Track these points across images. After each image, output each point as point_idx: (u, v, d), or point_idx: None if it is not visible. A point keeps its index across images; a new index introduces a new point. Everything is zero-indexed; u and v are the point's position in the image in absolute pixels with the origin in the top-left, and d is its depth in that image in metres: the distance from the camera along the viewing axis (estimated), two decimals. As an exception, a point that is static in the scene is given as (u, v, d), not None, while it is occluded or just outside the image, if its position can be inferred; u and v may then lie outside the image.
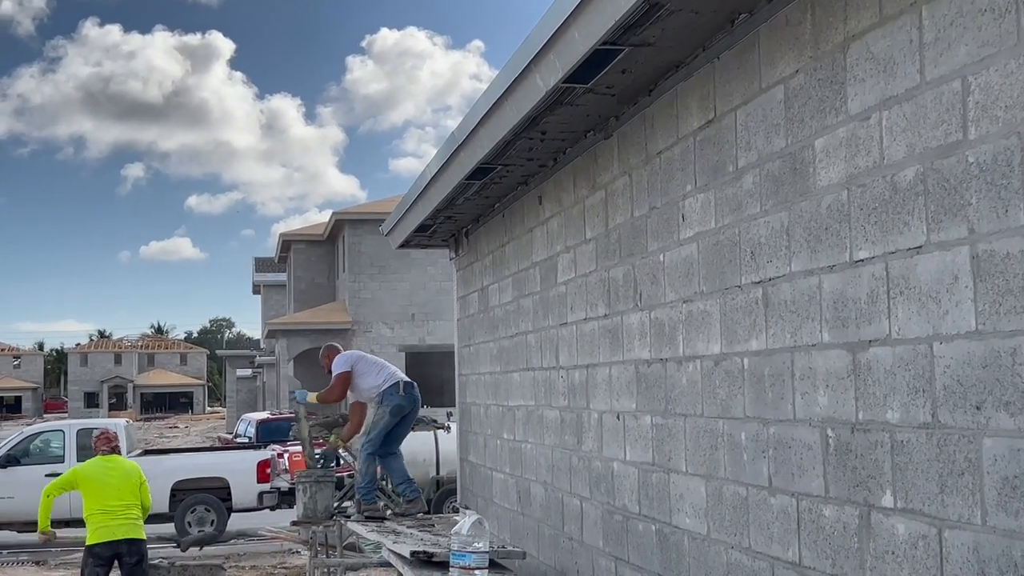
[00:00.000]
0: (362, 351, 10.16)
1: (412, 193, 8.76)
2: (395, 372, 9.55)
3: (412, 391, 9.47)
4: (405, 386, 9.37)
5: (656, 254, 5.05)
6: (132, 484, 9.71)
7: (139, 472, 9.90)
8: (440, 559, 5.86)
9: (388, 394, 9.29)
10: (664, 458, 4.96)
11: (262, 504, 19.64)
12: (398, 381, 9.35)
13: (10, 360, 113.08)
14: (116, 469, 9.77)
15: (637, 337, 5.30)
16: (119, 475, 9.73)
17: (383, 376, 9.40)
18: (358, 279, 36.00)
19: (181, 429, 67.61)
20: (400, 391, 9.32)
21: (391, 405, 9.25)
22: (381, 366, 9.59)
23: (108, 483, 9.67)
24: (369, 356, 9.92)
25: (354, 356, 9.79)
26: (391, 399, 9.27)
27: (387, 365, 9.67)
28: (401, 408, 9.35)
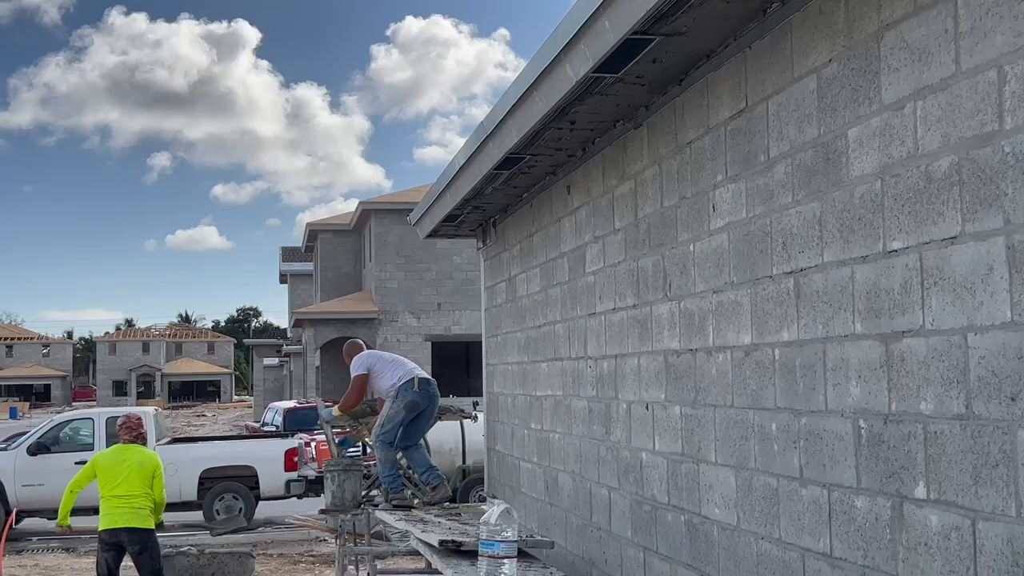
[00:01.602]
0: (381, 351, 10.11)
1: (440, 183, 8.78)
2: (412, 369, 9.50)
3: (428, 387, 9.38)
4: (420, 382, 9.31)
5: (686, 244, 5.04)
6: (144, 475, 9.79)
7: (154, 464, 9.93)
8: (469, 548, 5.88)
9: (403, 389, 9.26)
10: (694, 448, 4.95)
11: (289, 492, 19.75)
12: (413, 377, 9.30)
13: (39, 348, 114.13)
14: (130, 459, 9.87)
15: (666, 327, 5.29)
16: (131, 465, 9.83)
17: (399, 374, 9.37)
18: (384, 268, 36.11)
19: (208, 417, 68.04)
20: (415, 387, 9.26)
21: (405, 400, 9.22)
22: (398, 364, 9.54)
23: (119, 472, 9.80)
24: (387, 355, 9.85)
25: (371, 358, 9.72)
26: (405, 395, 9.24)
27: (404, 363, 9.61)
28: (415, 404, 9.28)
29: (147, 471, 9.81)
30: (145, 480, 9.78)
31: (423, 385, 9.33)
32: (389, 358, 9.73)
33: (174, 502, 19.24)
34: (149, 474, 9.80)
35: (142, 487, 9.73)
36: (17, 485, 18.47)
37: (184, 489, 19.24)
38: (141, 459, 9.90)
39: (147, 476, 9.78)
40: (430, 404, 9.45)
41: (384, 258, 36.08)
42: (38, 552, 17.26)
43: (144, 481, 9.78)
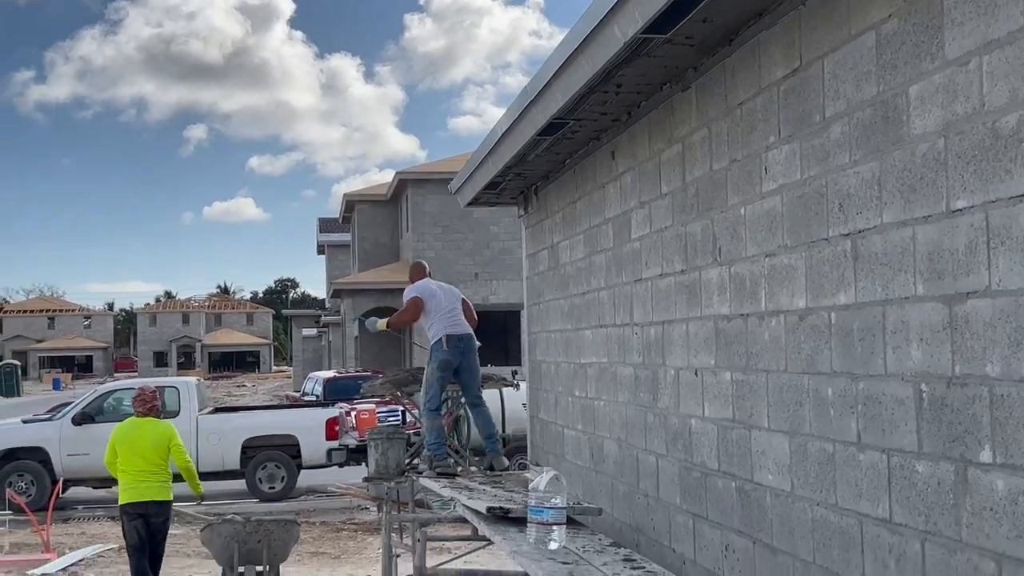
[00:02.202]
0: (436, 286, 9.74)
1: (481, 150, 8.72)
2: (445, 325, 9.32)
3: (458, 344, 9.25)
4: (449, 340, 9.21)
5: (736, 208, 4.97)
6: (159, 449, 10.04)
7: (167, 436, 10.15)
8: (516, 514, 5.86)
9: (434, 350, 9.24)
10: (745, 414, 4.89)
11: (330, 461, 19.89)
12: (442, 337, 9.23)
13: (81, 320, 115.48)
14: (146, 434, 10.13)
15: (716, 292, 5.23)
16: (148, 440, 10.09)
17: (435, 328, 9.29)
18: (422, 239, 36.12)
19: (248, 388, 68.62)
20: (444, 345, 9.19)
21: (437, 361, 9.19)
22: (439, 314, 9.38)
23: (136, 446, 10.10)
24: (437, 298, 9.51)
25: (425, 292, 9.53)
26: (436, 355, 9.21)
27: (442, 313, 9.37)
28: (447, 363, 9.21)
29: (162, 445, 10.07)
30: (162, 454, 10.08)
31: (452, 343, 9.22)
32: (436, 304, 9.42)
33: (217, 471, 19.50)
34: (164, 447, 10.06)
35: (160, 461, 10.05)
36: (63, 455, 18.71)
37: (227, 458, 19.43)
38: (155, 435, 10.15)
39: (163, 450, 10.05)
40: (463, 358, 9.31)
41: (421, 228, 36.09)
42: (84, 520, 17.48)
43: (161, 455, 10.08)
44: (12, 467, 18.67)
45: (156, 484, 10.05)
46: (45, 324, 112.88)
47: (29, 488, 18.48)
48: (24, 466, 18.78)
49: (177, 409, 19.55)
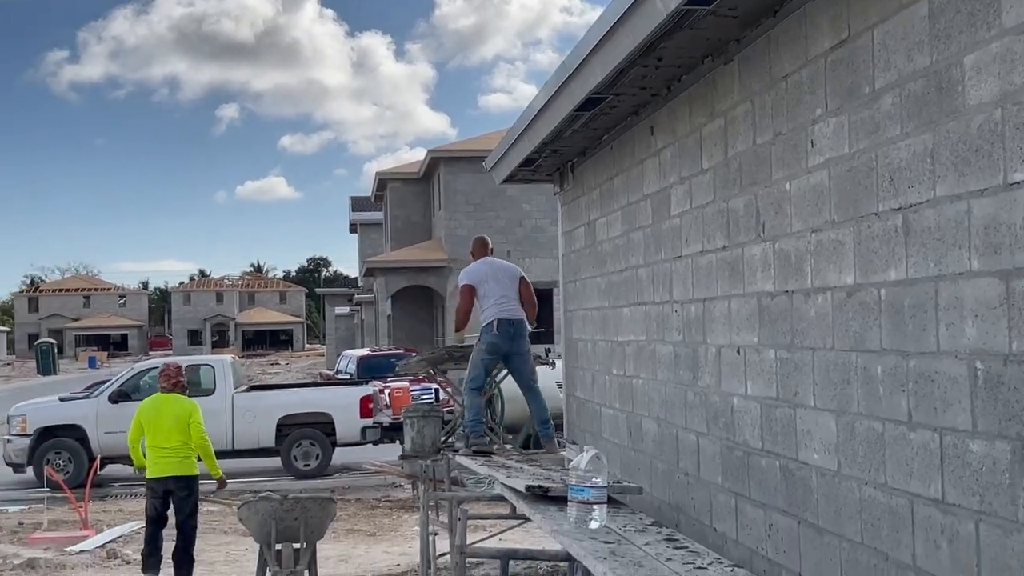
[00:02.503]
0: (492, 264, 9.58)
1: (517, 127, 8.64)
2: (497, 309, 9.26)
3: (509, 328, 9.15)
4: (500, 324, 9.12)
5: (781, 182, 4.88)
6: (180, 425, 10.22)
7: (188, 412, 10.29)
8: (556, 494, 5.82)
9: (484, 331, 9.16)
10: (790, 393, 4.82)
11: (365, 439, 19.95)
12: (492, 320, 9.15)
13: (116, 299, 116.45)
14: (167, 411, 10.31)
15: (759, 269, 5.14)
16: (169, 417, 10.28)
17: (487, 312, 9.21)
18: (454, 217, 36.08)
19: (282, 366, 69.00)
20: (494, 329, 9.09)
21: (485, 343, 9.11)
22: (492, 298, 9.30)
23: (159, 423, 10.31)
24: (489, 282, 9.37)
25: (476, 276, 9.39)
26: (485, 337, 9.13)
27: (494, 297, 9.30)
28: (496, 347, 9.11)
29: (183, 421, 10.27)
30: (183, 430, 10.26)
31: (503, 327, 9.12)
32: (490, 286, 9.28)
33: (252, 448, 19.61)
34: (185, 423, 10.23)
35: (181, 437, 10.22)
36: (100, 432, 18.85)
37: (262, 436, 19.53)
38: (177, 411, 10.31)
39: (184, 426, 10.24)
40: (513, 344, 9.21)
41: (453, 206, 36.05)
42: (121, 498, 17.63)
43: (182, 431, 10.25)
44: (50, 445, 18.85)
45: (176, 460, 10.23)
46: (81, 303, 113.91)
47: (67, 465, 18.66)
48: (62, 444, 18.96)
49: (212, 387, 19.67)
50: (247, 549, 12.27)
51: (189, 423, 10.23)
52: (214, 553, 12.67)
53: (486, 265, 9.49)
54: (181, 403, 10.37)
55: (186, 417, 10.26)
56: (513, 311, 9.22)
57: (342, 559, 11.94)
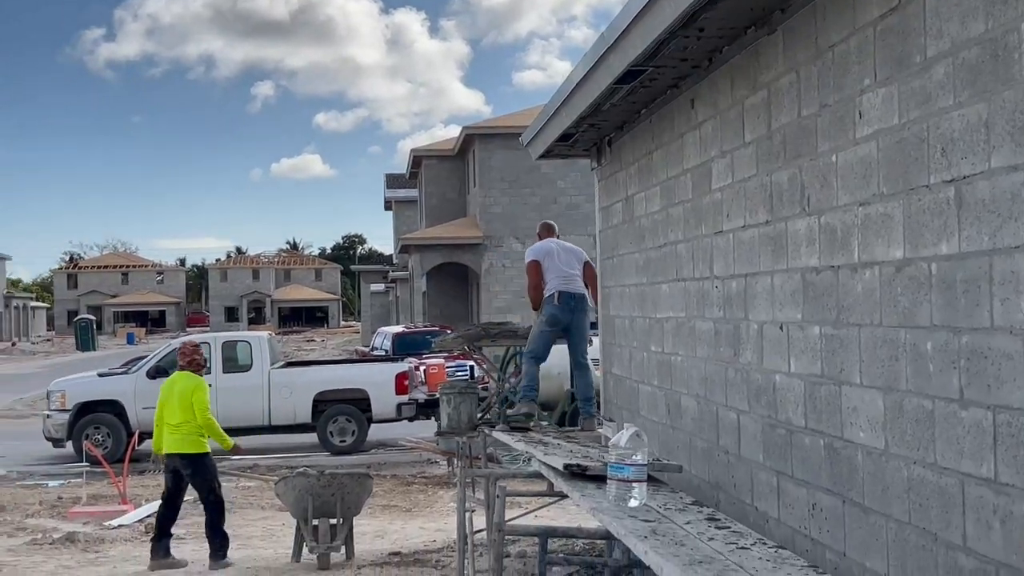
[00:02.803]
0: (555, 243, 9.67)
1: (555, 100, 8.54)
2: (559, 282, 9.28)
3: (570, 302, 9.23)
4: (561, 296, 9.19)
5: (827, 155, 4.76)
6: (184, 402, 10.36)
7: (191, 388, 10.40)
8: (594, 472, 5.76)
9: (546, 303, 9.23)
10: (835, 370, 4.72)
11: (400, 415, 20.00)
12: (554, 292, 9.20)
13: (153, 276, 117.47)
14: (177, 388, 10.50)
15: (804, 244, 5.04)
16: (176, 394, 10.46)
17: (550, 284, 9.28)
18: (488, 194, 36.01)
19: (318, 342, 69.35)
20: (556, 301, 9.18)
21: (547, 315, 9.19)
22: (554, 269, 9.35)
23: (169, 401, 10.52)
24: (555, 256, 9.39)
25: (541, 252, 9.50)
26: (547, 308, 9.21)
27: (558, 270, 9.34)
28: (556, 319, 9.19)
29: (186, 397, 10.40)
30: (186, 407, 10.38)
31: (564, 300, 9.19)
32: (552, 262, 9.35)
33: (289, 424, 19.70)
34: (188, 401, 10.29)
35: (184, 414, 10.34)
36: (138, 408, 18.98)
37: (299, 412, 19.62)
38: (182, 387, 10.46)
39: (187, 403, 10.36)
40: (573, 318, 9.27)
41: (488, 183, 35.97)
42: (159, 472, 17.73)
43: (185, 407, 10.37)
44: (89, 420, 19.02)
45: (179, 437, 10.37)
46: (119, 280, 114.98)
47: (105, 440, 18.82)
48: (100, 419, 19.12)
49: (249, 363, 19.76)
50: (284, 524, 12.32)
51: (192, 400, 10.32)
52: (251, 528, 12.74)
53: (551, 243, 9.63)
54: (188, 380, 10.51)
55: (189, 394, 10.37)
56: (575, 286, 9.31)
57: (378, 535, 11.96)
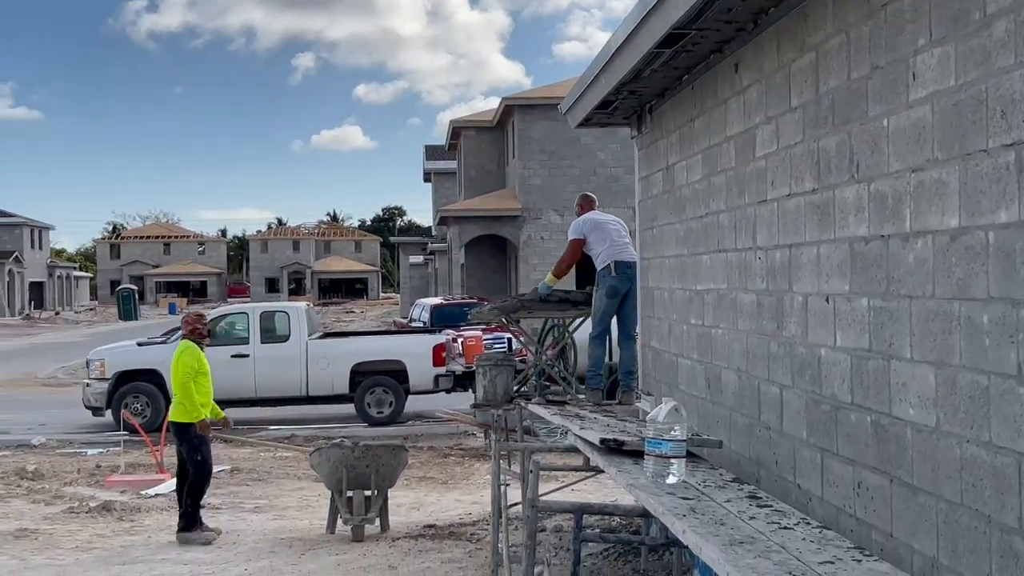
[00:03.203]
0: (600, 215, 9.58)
1: (595, 66, 8.34)
2: (613, 251, 9.15)
3: (626, 270, 9.12)
4: (617, 266, 9.07)
5: (878, 119, 4.56)
6: (174, 372, 10.55)
7: (175, 357, 10.61)
8: (631, 447, 5.60)
9: (601, 276, 9.13)
10: (883, 344, 4.53)
11: (437, 387, 19.94)
12: (609, 263, 9.07)
13: (195, 246, 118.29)
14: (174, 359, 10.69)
15: (852, 212, 4.84)
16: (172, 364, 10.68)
17: (603, 255, 9.14)
18: (528, 165, 35.78)
19: (357, 314, 69.58)
20: (611, 272, 9.06)
21: (605, 287, 9.08)
22: (606, 242, 9.21)
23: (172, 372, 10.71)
24: (602, 226, 9.29)
25: (587, 225, 9.36)
26: (604, 281, 9.10)
27: (610, 239, 9.19)
28: (615, 289, 9.08)
29: (174, 368, 10.49)
30: (173, 376, 10.54)
31: (620, 268, 9.08)
32: (602, 232, 9.24)
33: (326, 395, 19.69)
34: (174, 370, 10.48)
35: (174, 384, 10.56)
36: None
37: (336, 383, 19.60)
38: (175, 356, 10.62)
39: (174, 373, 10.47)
40: (631, 285, 9.17)
41: (527, 155, 35.74)
42: (198, 441, 17.80)
43: (173, 377, 10.55)
44: (128, 389, 19.10)
45: (173, 406, 10.59)
46: (161, 250, 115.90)
47: (144, 409, 18.89)
48: (139, 388, 19.19)
49: (287, 334, 19.76)
50: (320, 495, 12.29)
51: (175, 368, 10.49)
52: (287, 499, 12.72)
53: (595, 215, 9.50)
54: (180, 349, 10.62)
55: (174, 363, 10.52)
56: (628, 254, 9.20)
57: (413, 507, 11.90)
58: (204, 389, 10.49)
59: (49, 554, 9.54)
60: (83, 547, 9.87)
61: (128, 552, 9.61)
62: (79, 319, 74.80)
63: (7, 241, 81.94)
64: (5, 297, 78.22)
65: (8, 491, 13.07)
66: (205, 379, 10.53)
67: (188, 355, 10.48)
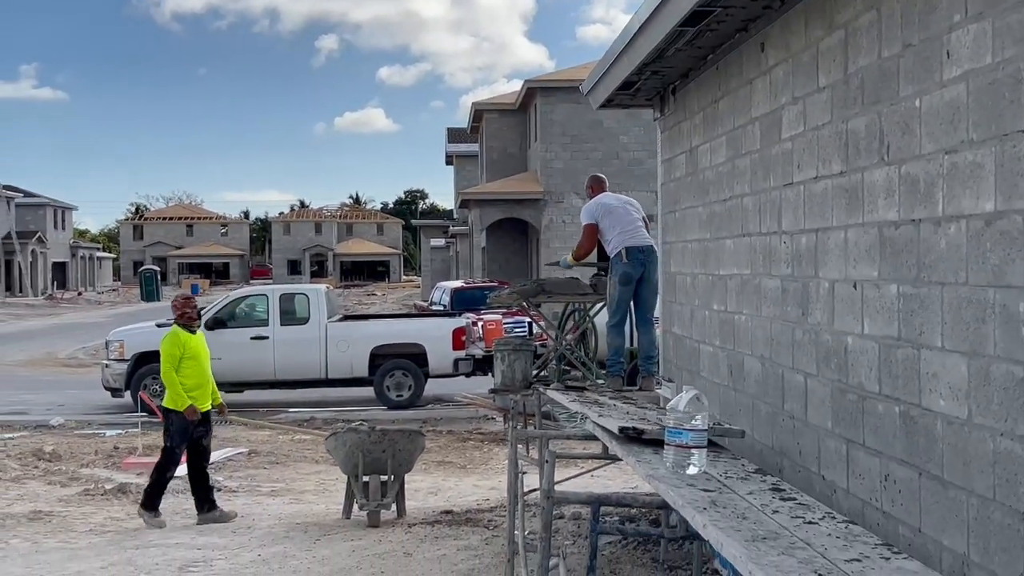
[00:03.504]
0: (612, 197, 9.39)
1: (617, 45, 8.16)
2: (624, 237, 8.96)
3: (638, 255, 8.93)
4: (628, 252, 8.88)
5: (910, 99, 4.38)
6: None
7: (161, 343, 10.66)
8: (651, 436, 5.45)
9: (614, 264, 8.96)
10: (913, 332, 4.37)
11: (457, 371, 19.82)
12: (620, 249, 8.90)
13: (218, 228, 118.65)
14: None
15: (882, 196, 4.67)
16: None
17: (614, 241, 8.95)
18: (550, 148, 35.59)
19: (378, 296, 69.60)
20: (624, 258, 8.87)
21: (618, 274, 8.91)
22: (617, 225, 9.02)
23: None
24: (614, 211, 9.09)
25: (599, 210, 9.14)
26: (616, 269, 8.92)
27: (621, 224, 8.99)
28: (628, 276, 8.90)
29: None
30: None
31: (632, 254, 8.90)
32: (614, 218, 9.04)
33: (345, 378, 19.60)
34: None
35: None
36: (195, 358, 18.96)
37: (356, 365, 19.51)
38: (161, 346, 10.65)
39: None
40: (644, 270, 8.98)
41: (549, 138, 35.55)
42: (216, 424, 17.74)
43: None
44: (146, 370, 19.04)
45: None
46: (183, 231, 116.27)
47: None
48: (157, 369, 19.06)
49: (307, 316, 19.68)
50: (337, 479, 12.20)
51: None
52: (304, 482, 12.65)
53: (606, 198, 9.29)
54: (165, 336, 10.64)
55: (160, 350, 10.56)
56: (641, 237, 9.00)
57: (431, 492, 11.80)
58: (192, 373, 10.37)
59: (62, 537, 9.48)
60: (97, 530, 9.81)
61: (141, 535, 9.55)
62: (101, 300, 75.12)
63: (30, 221, 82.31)
64: (28, 277, 78.62)
65: (25, 472, 13.05)
66: (193, 363, 10.38)
67: (170, 343, 10.41)
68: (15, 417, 18.63)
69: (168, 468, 10.18)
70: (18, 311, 58.94)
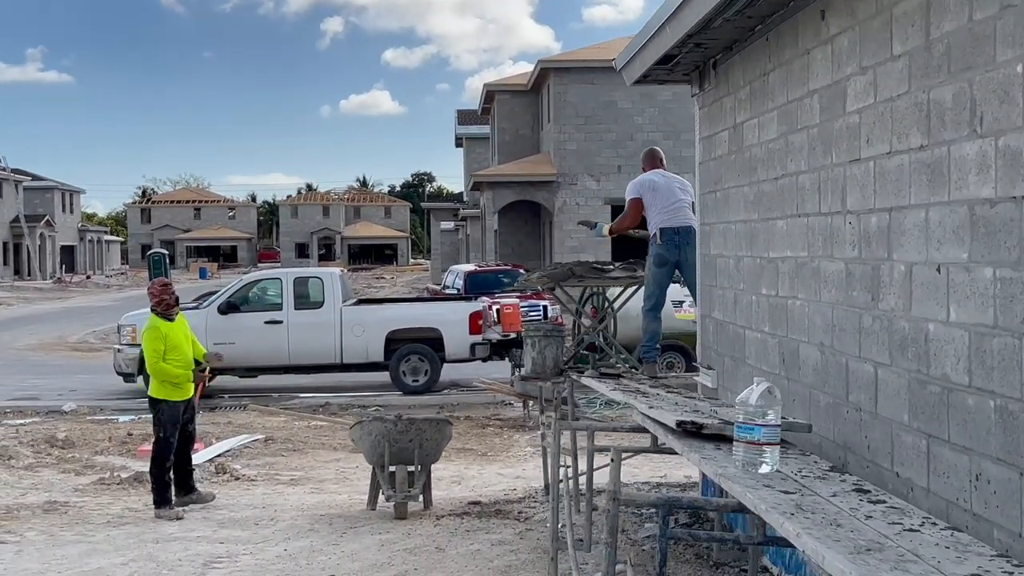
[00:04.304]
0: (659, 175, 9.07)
1: (658, 17, 7.77)
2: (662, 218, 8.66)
3: (674, 237, 8.64)
4: (663, 233, 8.57)
5: (1009, 64, 4.00)
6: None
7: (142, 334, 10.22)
8: (711, 431, 5.09)
9: (651, 245, 8.67)
10: (1013, 320, 3.99)
11: (474, 355, 19.48)
12: (656, 231, 8.60)
13: (225, 211, 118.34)
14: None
15: (973, 171, 4.29)
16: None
17: (652, 221, 8.67)
18: (563, 130, 35.14)
19: (387, 280, 69.27)
20: (658, 239, 8.58)
21: (652, 256, 8.63)
22: (658, 207, 8.73)
23: None
24: (657, 189, 8.80)
25: (643, 187, 8.89)
26: (651, 251, 8.64)
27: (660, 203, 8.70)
28: (661, 258, 8.61)
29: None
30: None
31: (667, 236, 8.58)
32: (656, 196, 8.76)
33: (361, 363, 19.26)
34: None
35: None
36: (208, 343, 18.56)
37: (371, 350, 19.18)
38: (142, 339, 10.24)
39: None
40: (680, 252, 8.68)
41: (562, 119, 35.09)
42: (230, 410, 17.45)
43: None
44: (160, 355, 18.70)
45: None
46: (191, 215, 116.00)
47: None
48: (171, 354, 18.80)
49: (321, 300, 19.34)
50: (357, 467, 11.88)
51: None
52: (323, 470, 12.32)
53: (654, 175, 8.99)
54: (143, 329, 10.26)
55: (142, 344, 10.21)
56: (680, 218, 8.65)
57: (454, 480, 11.47)
58: (175, 363, 9.95)
59: (79, 530, 9.15)
60: (114, 522, 9.48)
61: (160, 528, 9.22)
62: (110, 283, 74.91)
63: (39, 205, 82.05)
64: (37, 260, 78.41)
65: (38, 460, 12.74)
66: (175, 352, 9.95)
67: (151, 337, 9.89)
68: (27, 403, 18.33)
69: (165, 459, 9.85)
70: (27, 294, 58.72)
